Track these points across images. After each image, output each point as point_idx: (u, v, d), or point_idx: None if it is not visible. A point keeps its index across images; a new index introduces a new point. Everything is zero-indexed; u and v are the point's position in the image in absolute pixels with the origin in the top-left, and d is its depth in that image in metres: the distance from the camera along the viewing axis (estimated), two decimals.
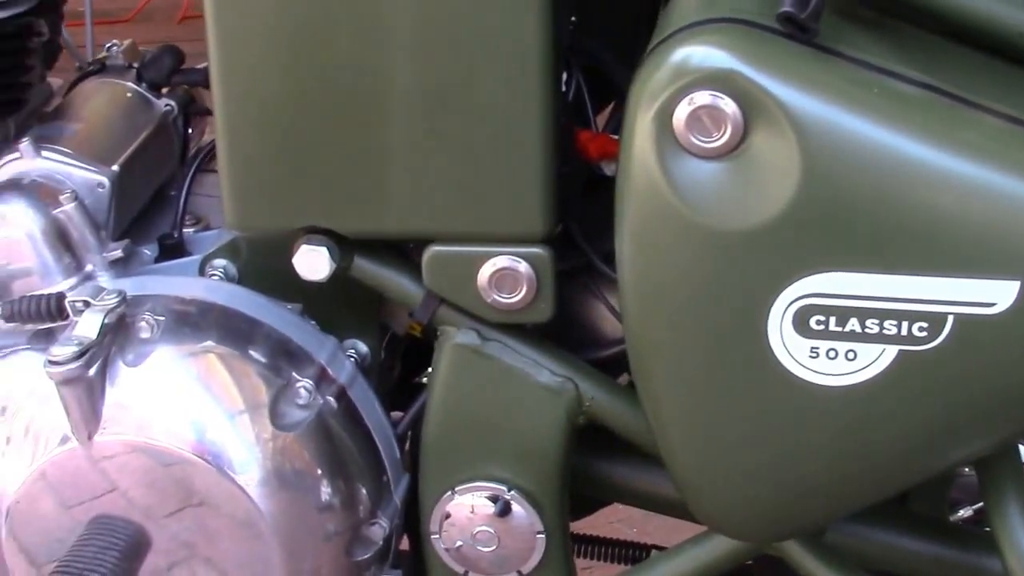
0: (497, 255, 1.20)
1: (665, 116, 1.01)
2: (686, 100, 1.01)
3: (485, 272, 1.21)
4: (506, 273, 1.21)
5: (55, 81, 1.52)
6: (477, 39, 1.13)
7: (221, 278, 1.35)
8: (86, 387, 1.20)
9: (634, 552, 1.65)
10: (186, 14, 6.38)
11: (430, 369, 1.45)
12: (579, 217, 1.28)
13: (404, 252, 1.27)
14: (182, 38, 1.69)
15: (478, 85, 1.15)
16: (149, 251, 1.39)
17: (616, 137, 1.28)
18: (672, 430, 1.11)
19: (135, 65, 1.52)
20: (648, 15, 1.37)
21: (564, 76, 1.27)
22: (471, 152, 1.17)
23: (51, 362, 1.19)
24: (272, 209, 1.21)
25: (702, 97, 1.00)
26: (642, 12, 1.38)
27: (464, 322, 1.25)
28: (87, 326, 1.21)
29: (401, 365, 1.47)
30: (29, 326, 1.28)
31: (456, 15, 1.13)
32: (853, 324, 1.03)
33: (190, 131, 1.54)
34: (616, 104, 1.42)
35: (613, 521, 1.54)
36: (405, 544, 1.38)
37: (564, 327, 1.29)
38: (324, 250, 1.23)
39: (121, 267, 1.34)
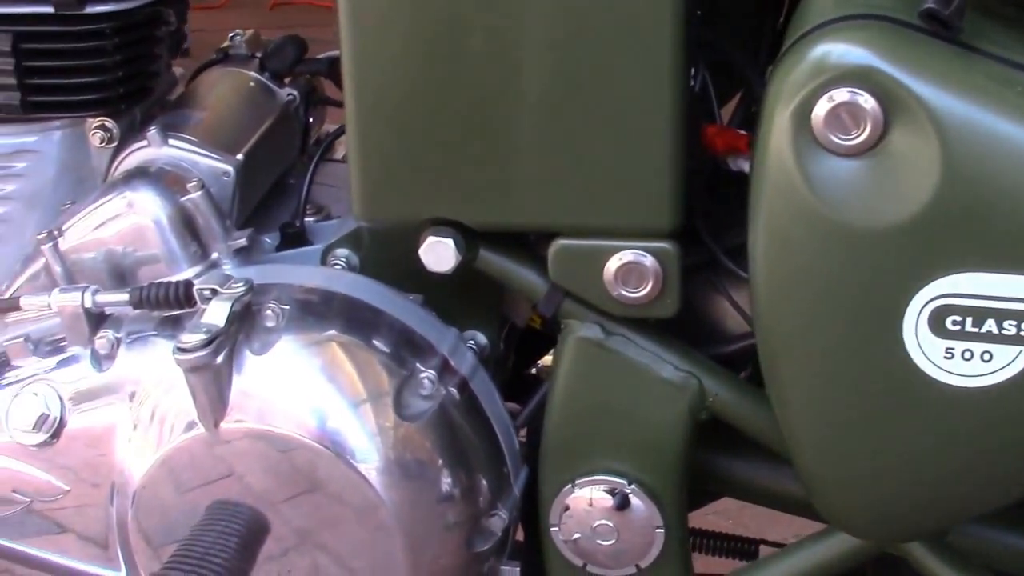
0: (624, 249, 1.20)
1: (804, 113, 1.00)
2: (825, 97, 1.00)
3: (611, 266, 1.21)
4: (632, 267, 1.20)
5: (177, 69, 1.53)
6: (610, 33, 1.13)
7: (343, 267, 1.35)
8: (213, 375, 1.21)
9: (739, 545, 1.64)
10: (277, 1, 6.42)
11: (543, 360, 1.45)
12: (704, 212, 1.28)
13: (528, 244, 1.27)
14: (273, 24, 1.70)
15: (610, 78, 1.14)
16: (270, 239, 1.40)
17: (743, 132, 1.27)
18: (801, 427, 1.11)
19: (258, 55, 1.53)
20: (773, 5, 1.36)
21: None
22: (600, 145, 1.17)
23: (180, 349, 1.20)
24: (400, 201, 1.22)
25: (841, 94, 1.00)
26: (767, 2, 1.37)
27: (588, 315, 1.25)
28: (215, 314, 1.22)
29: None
30: (156, 313, 1.29)
31: (590, 9, 1.12)
32: (990, 325, 1.02)
33: (310, 120, 1.55)
34: (741, 97, 1.42)
35: (708, 513, 1.53)
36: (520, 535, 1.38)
37: (686, 322, 1.28)
38: (450, 242, 1.23)
39: (245, 255, 1.35)
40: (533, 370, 1.54)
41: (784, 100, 1.01)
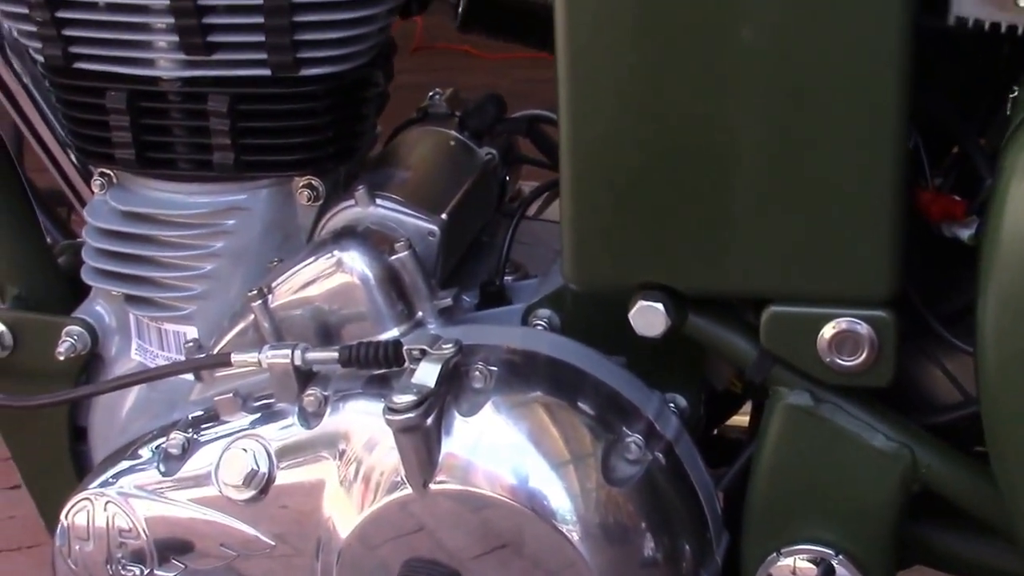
0: (839, 317, 1.19)
1: None
2: None
3: (826, 334, 1.20)
4: (847, 335, 1.19)
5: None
6: (831, 96, 1.12)
7: (545, 328, 1.36)
8: (423, 435, 1.22)
9: None
10: (419, 45, 6.44)
11: (736, 422, 1.44)
12: (915, 278, 1.26)
13: (737, 309, 1.27)
14: (414, 69, 1.70)
15: (829, 144, 1.14)
16: (470, 298, 1.41)
17: (959, 199, 1.25)
18: None
19: (458, 113, 1.54)
20: (990, 69, 1.34)
21: None
22: (817, 211, 1.16)
23: (391, 409, 1.21)
24: (613, 266, 1.22)
25: None
26: (983, 62, 1.35)
27: (797, 382, 1.24)
28: (425, 375, 1.23)
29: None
30: (364, 372, 1.30)
31: (811, 72, 1.12)
32: None
33: (507, 178, 1.56)
34: (952, 162, 1.40)
35: None
36: None
37: (896, 390, 1.26)
38: (661, 307, 1.23)
39: (448, 315, 1.35)
40: (716, 431, 1.53)
41: (1022, 171, 0.99)
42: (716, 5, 1.11)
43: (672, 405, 1.34)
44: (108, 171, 1.45)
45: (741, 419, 1.47)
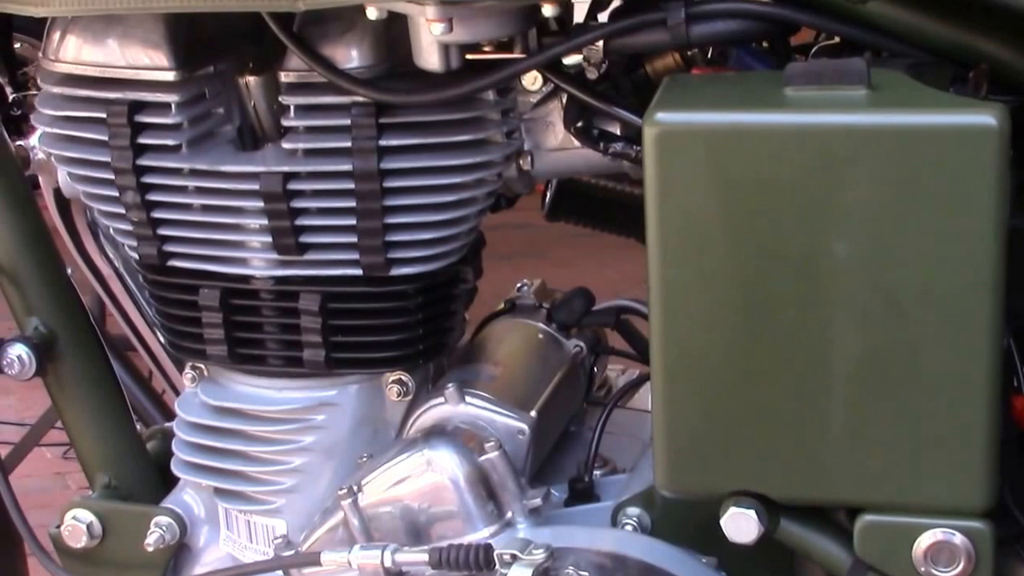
0: (934, 527, 1.17)
1: None
2: None
3: (921, 544, 1.18)
4: (943, 546, 1.17)
5: None
6: (924, 306, 1.11)
7: (635, 528, 1.35)
8: None
9: None
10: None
11: None
12: (1010, 483, 1.24)
13: (830, 515, 1.25)
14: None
15: (923, 353, 1.13)
16: (558, 492, 1.41)
17: None
18: None
19: (545, 305, 1.55)
20: None
21: None
22: (911, 421, 1.15)
23: None
24: (705, 473, 1.21)
25: None
26: None
27: None
28: None
29: None
30: (455, 574, 1.29)
31: (904, 283, 1.11)
32: None
33: (595, 369, 1.56)
34: None
35: None
36: None
37: None
38: (753, 513, 1.21)
39: (537, 513, 1.35)
40: None
41: None
42: (809, 214, 1.12)
43: None
44: (200, 364, 1.47)
45: None
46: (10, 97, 1.65)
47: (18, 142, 1.63)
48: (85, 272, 1.71)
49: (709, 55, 1.34)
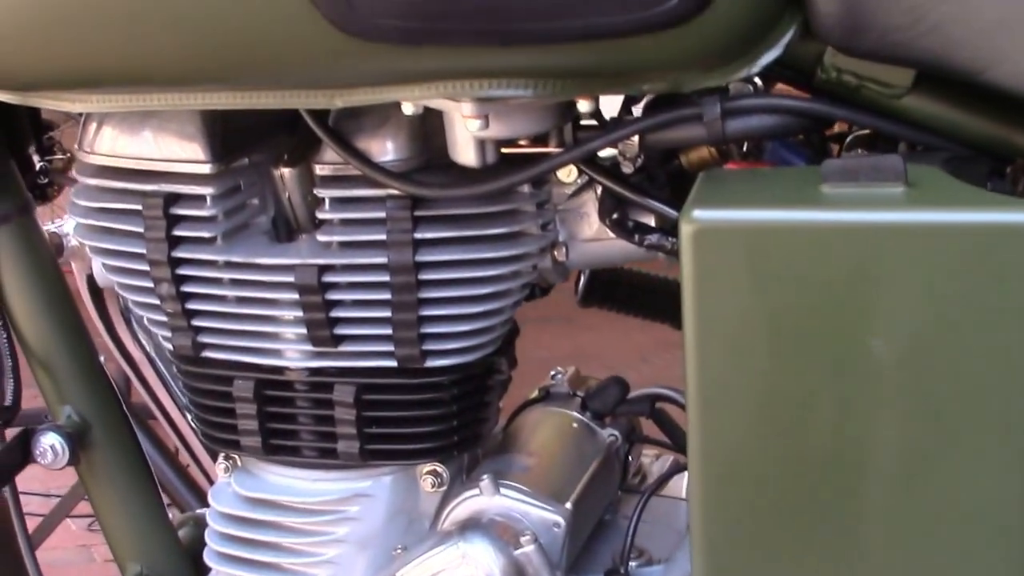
0: None
1: None
2: None
3: None
4: None
5: None
6: (969, 413, 1.10)
7: None
8: None
9: None
10: None
11: None
12: None
13: None
14: None
15: (965, 461, 1.11)
16: None
17: None
18: None
19: (580, 393, 1.55)
20: None
21: None
22: (953, 535, 1.13)
23: None
24: (743, 569, 1.20)
25: None
26: None
27: None
28: None
29: None
30: None
31: (945, 388, 1.09)
32: None
33: (629, 458, 1.55)
34: None
35: None
36: None
37: None
38: None
39: None
40: None
41: None
42: (848, 313, 1.11)
43: None
44: (233, 455, 1.46)
45: None
46: (37, 166, 1.64)
47: (51, 229, 1.64)
48: (117, 357, 1.71)
49: (744, 147, 1.34)
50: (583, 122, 1.30)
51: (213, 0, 1.12)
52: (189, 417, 1.66)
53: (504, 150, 1.29)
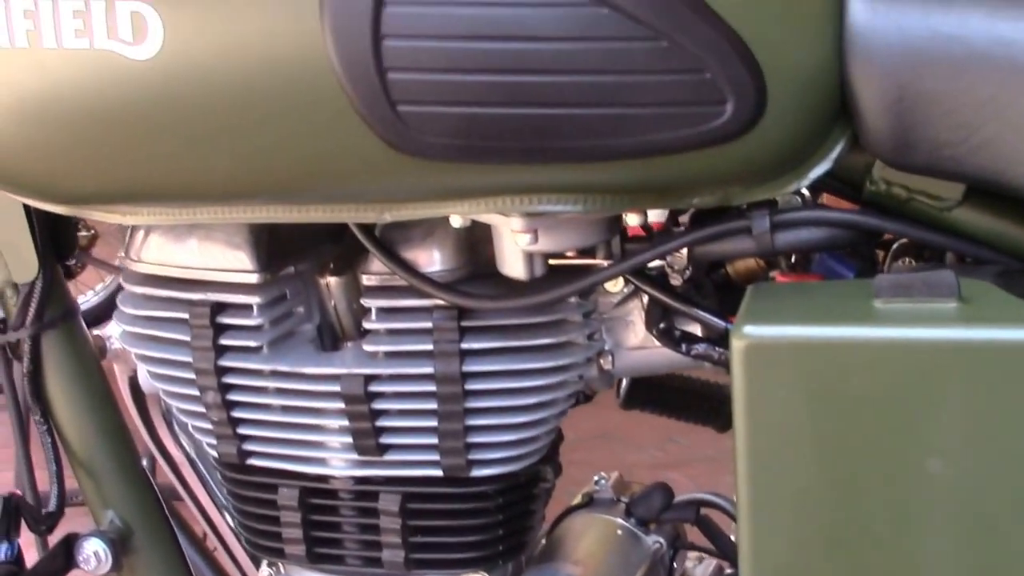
0: None
1: None
2: None
3: None
4: None
5: None
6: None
7: None
8: None
9: None
10: None
11: None
12: None
13: None
14: None
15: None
16: None
17: None
18: None
19: (624, 499, 1.54)
20: None
21: None
22: None
23: None
24: None
25: None
26: None
27: None
28: None
29: None
30: None
31: (1002, 507, 1.09)
32: None
33: (674, 565, 1.54)
34: None
35: None
36: None
37: None
38: None
39: None
40: None
41: None
42: (901, 430, 1.10)
43: None
44: (277, 562, 1.46)
45: None
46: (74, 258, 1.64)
47: (95, 332, 1.64)
48: (158, 459, 1.71)
49: (792, 258, 1.34)
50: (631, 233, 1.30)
51: (271, 123, 1.13)
52: (232, 521, 1.65)
53: (552, 262, 1.29)
